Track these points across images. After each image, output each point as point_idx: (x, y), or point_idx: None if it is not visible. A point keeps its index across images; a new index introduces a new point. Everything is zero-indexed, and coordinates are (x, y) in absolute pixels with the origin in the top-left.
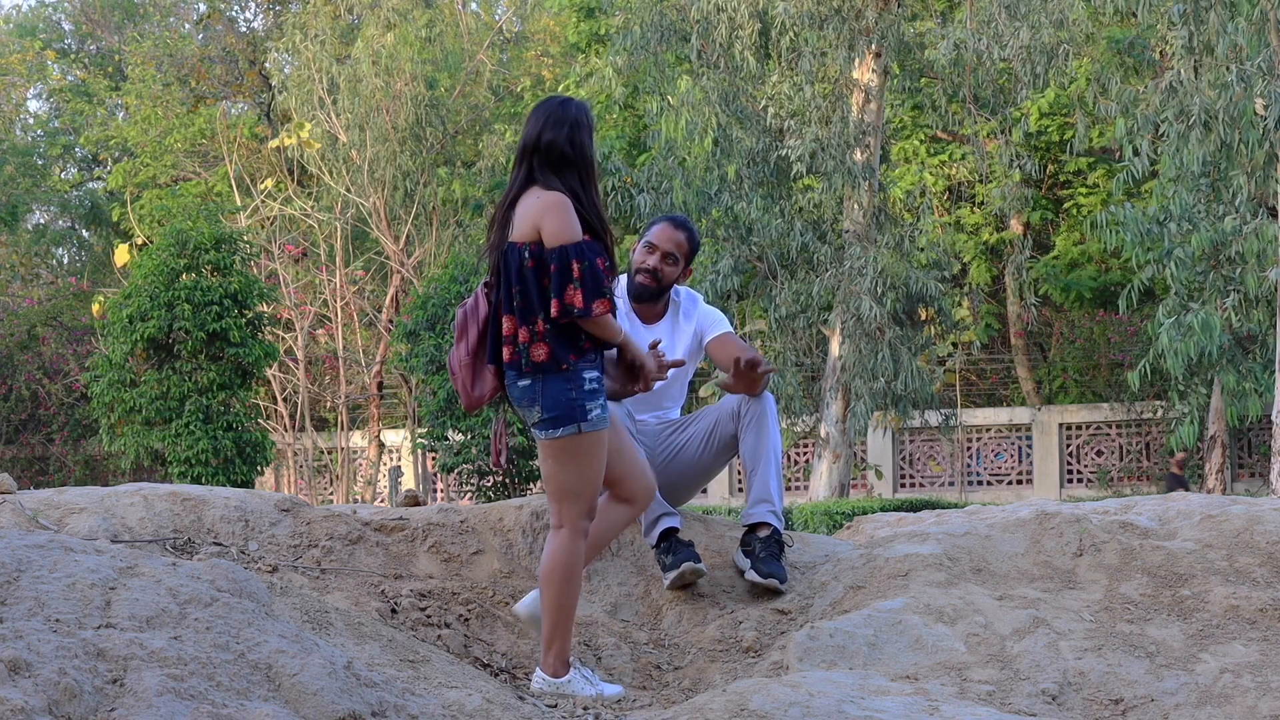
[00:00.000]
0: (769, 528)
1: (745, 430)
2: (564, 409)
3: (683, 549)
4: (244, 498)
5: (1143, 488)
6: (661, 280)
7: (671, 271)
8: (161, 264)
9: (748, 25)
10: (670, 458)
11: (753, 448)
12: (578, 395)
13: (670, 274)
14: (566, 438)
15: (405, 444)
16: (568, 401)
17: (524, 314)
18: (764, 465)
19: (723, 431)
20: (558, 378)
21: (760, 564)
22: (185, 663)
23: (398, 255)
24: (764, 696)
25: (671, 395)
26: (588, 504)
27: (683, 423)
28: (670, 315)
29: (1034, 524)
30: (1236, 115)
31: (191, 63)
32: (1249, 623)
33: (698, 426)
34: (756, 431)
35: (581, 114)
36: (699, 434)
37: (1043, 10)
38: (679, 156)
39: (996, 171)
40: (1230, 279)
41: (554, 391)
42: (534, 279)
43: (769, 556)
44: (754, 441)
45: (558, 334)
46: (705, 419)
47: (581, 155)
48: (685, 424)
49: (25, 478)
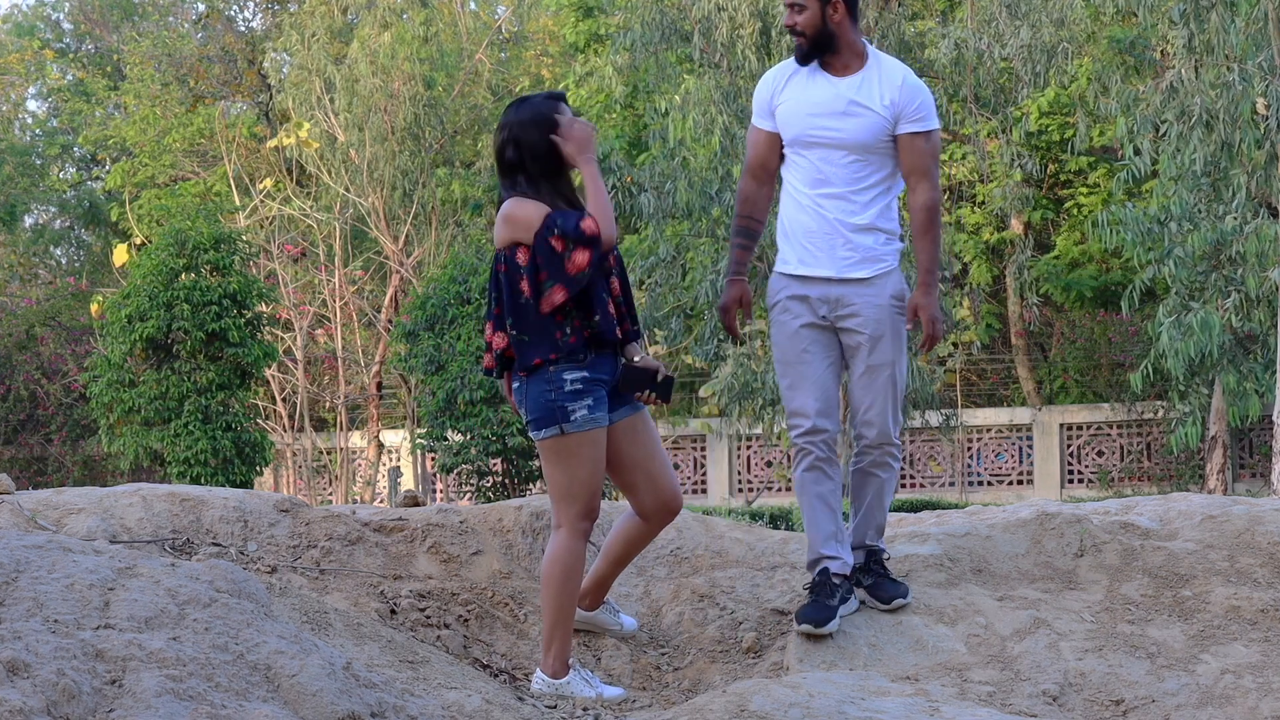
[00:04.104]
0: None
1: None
2: (544, 410)
3: (822, 600)
4: (243, 498)
5: (1144, 488)
6: (805, 31)
7: (807, 18)
8: (160, 264)
9: (749, 24)
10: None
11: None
12: (557, 397)
13: (808, 20)
14: (551, 439)
15: (404, 444)
16: (547, 403)
17: (499, 319)
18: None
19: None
20: (538, 379)
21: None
22: (184, 663)
23: (397, 255)
24: (764, 697)
25: (827, 178)
26: (583, 504)
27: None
28: (864, 72)
29: (1035, 524)
30: (1237, 115)
31: (190, 62)
32: (1250, 623)
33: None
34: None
35: (522, 112)
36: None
37: (1043, 9)
38: (682, 156)
39: (997, 171)
40: (1231, 279)
41: (535, 393)
42: (506, 285)
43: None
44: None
45: (528, 338)
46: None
47: (529, 153)
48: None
49: (24, 478)
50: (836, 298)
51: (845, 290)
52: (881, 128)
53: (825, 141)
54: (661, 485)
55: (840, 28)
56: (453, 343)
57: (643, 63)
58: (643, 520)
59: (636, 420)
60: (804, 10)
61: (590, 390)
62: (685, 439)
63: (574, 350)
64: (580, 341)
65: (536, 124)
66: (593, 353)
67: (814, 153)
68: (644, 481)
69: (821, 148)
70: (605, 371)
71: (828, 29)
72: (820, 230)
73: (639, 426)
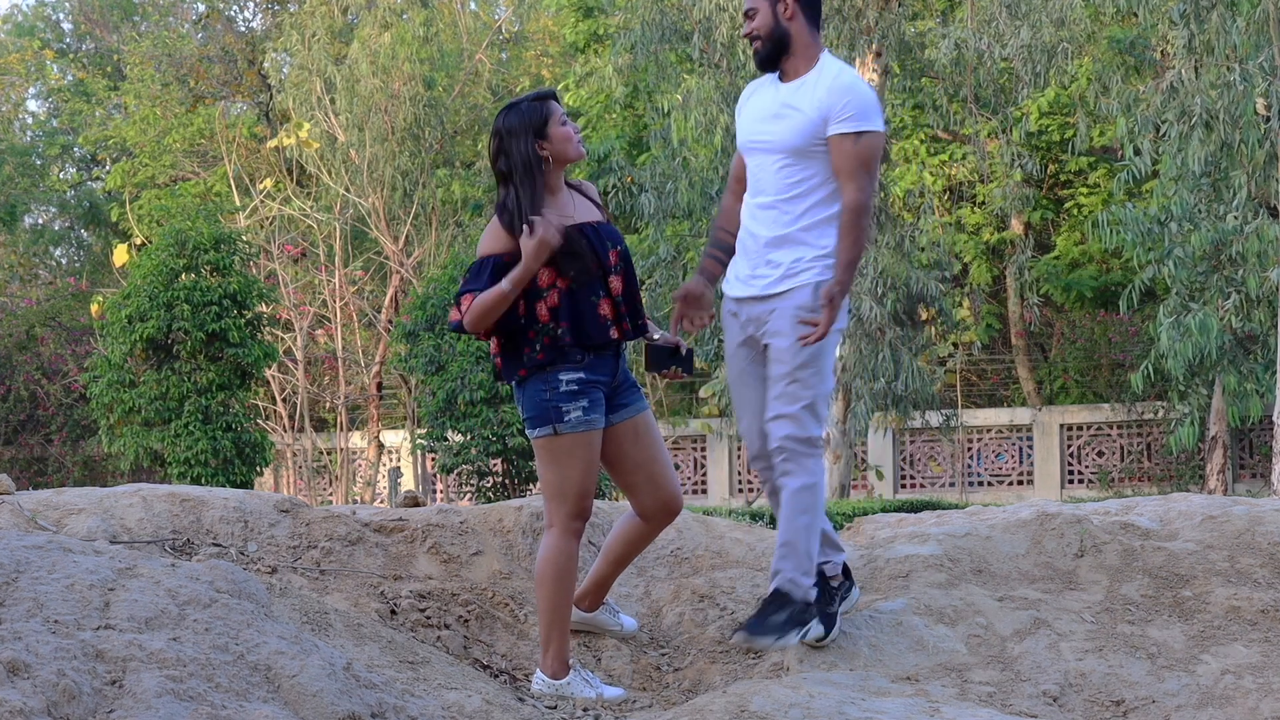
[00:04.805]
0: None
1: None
2: (539, 409)
3: (809, 605)
4: (243, 498)
5: (1144, 489)
6: (760, 34)
7: (759, 21)
8: (160, 264)
9: None
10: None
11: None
12: (552, 397)
13: (760, 23)
14: (544, 438)
15: (404, 445)
16: (542, 402)
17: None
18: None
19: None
20: (536, 379)
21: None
22: (184, 664)
23: (397, 255)
24: (764, 698)
25: (762, 186)
26: (574, 505)
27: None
28: (807, 75)
29: (1035, 525)
30: (1237, 115)
31: (190, 62)
32: (1250, 624)
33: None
34: None
35: (510, 119)
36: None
37: (1043, 9)
38: (683, 156)
39: (997, 171)
40: (1231, 279)
41: (531, 392)
42: None
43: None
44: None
45: (507, 345)
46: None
47: (518, 161)
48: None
49: (24, 478)
50: (758, 315)
51: (764, 307)
52: (811, 130)
53: (760, 146)
54: (662, 486)
55: (794, 26)
56: (453, 343)
57: (643, 63)
58: (643, 521)
59: (639, 421)
60: (756, 14)
61: (586, 391)
62: (685, 439)
63: (566, 353)
64: (573, 338)
65: (525, 131)
66: (591, 354)
67: (753, 159)
68: (645, 482)
69: (758, 153)
70: (604, 373)
71: (780, 28)
72: (745, 247)
73: (641, 427)
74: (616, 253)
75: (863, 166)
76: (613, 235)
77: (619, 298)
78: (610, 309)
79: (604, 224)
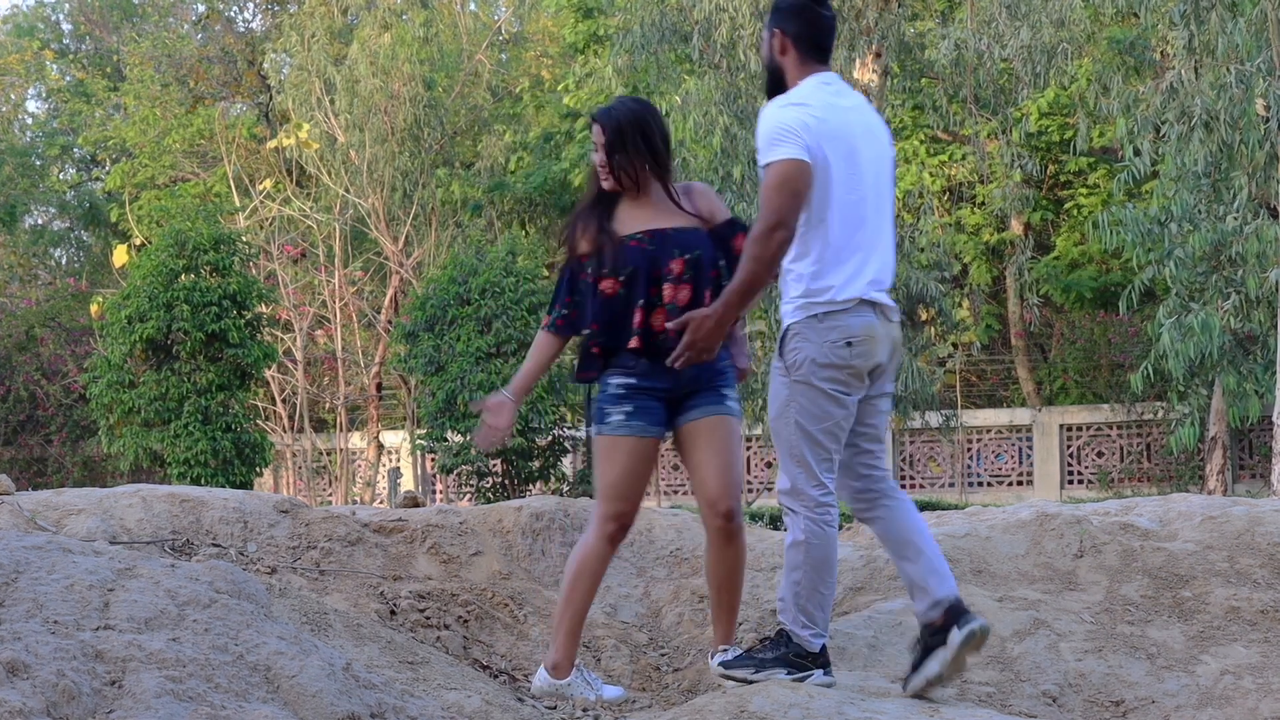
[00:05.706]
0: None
1: None
2: (594, 408)
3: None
4: (243, 499)
5: (1143, 489)
6: (765, 64)
7: (764, 51)
8: (160, 265)
9: (749, 25)
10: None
11: None
12: (600, 398)
13: (765, 53)
14: (594, 436)
15: (404, 445)
16: (596, 401)
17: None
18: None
19: None
20: (601, 380)
21: None
22: (184, 664)
23: (397, 256)
24: (764, 698)
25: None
26: (608, 505)
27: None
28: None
29: (1034, 525)
30: (1237, 116)
31: (190, 63)
32: (1250, 624)
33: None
34: None
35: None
36: None
37: (1043, 10)
38: (682, 156)
39: (997, 172)
40: (1231, 280)
41: (600, 391)
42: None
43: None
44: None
45: (582, 345)
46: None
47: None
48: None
49: (24, 479)
50: None
51: None
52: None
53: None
54: (708, 486)
55: (786, 61)
56: (452, 343)
57: (643, 64)
58: (706, 530)
59: (702, 425)
60: (766, 44)
61: (632, 397)
62: None
63: (620, 357)
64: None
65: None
66: (645, 361)
67: None
68: (697, 485)
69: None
70: (661, 381)
71: (774, 61)
72: None
73: (703, 430)
74: (682, 261)
75: (772, 192)
76: (683, 243)
77: (671, 305)
78: (642, 318)
79: (675, 231)
